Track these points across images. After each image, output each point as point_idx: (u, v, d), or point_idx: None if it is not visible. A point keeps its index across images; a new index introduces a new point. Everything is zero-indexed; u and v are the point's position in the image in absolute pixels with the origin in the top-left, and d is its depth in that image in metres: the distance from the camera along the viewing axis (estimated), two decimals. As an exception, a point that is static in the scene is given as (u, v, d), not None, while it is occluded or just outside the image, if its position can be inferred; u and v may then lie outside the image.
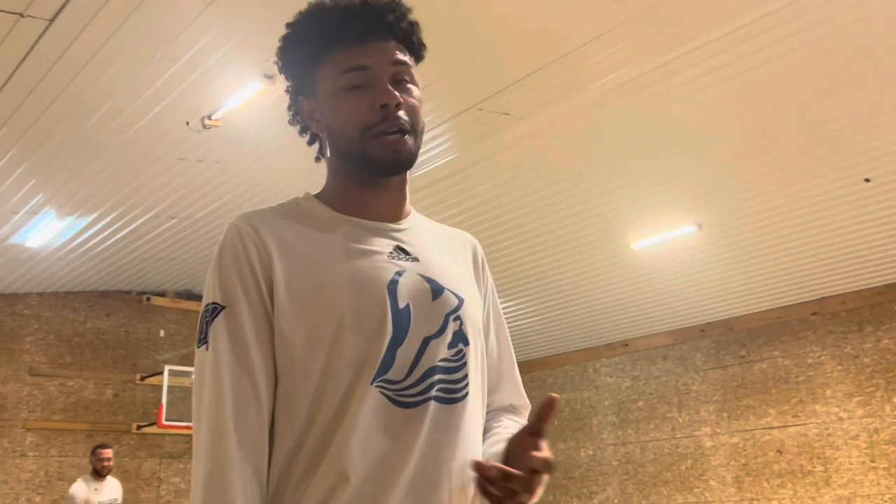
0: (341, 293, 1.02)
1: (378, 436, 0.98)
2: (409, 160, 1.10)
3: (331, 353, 1.00)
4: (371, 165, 1.09)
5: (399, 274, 1.07)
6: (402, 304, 1.05)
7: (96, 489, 6.39)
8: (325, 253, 1.06)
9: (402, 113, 1.09)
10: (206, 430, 0.98)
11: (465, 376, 1.07)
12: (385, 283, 1.05)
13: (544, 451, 1.02)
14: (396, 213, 1.15)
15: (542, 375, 10.52)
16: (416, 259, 1.11)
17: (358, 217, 1.12)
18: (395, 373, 1.02)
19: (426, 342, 1.05)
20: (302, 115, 1.17)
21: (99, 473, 6.44)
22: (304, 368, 1.00)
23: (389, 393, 1.00)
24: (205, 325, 1.03)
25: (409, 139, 1.09)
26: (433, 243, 1.17)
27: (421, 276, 1.09)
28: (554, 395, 1.08)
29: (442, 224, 1.26)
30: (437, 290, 1.09)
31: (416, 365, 1.03)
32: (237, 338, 1.01)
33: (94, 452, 6.54)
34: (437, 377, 1.04)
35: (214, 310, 1.03)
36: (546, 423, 1.04)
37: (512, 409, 1.26)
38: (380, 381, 1.00)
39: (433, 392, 1.03)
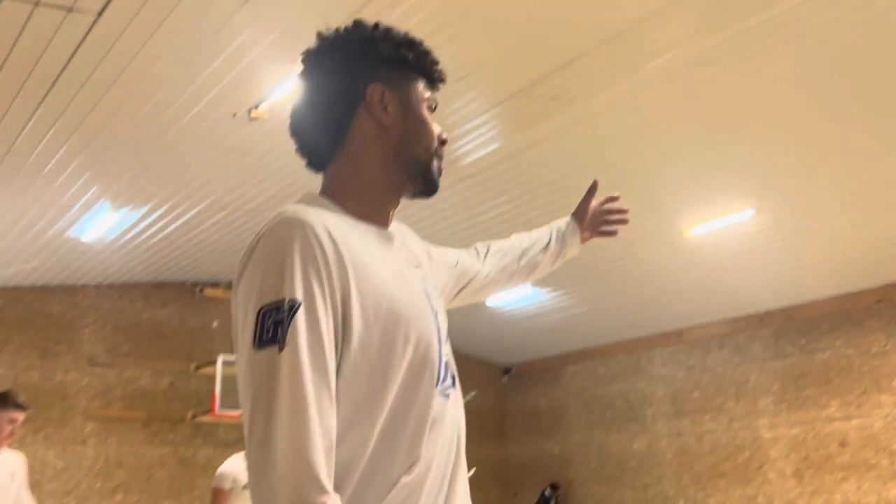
0: (400, 304, 1.10)
1: (440, 426, 1.12)
2: None
3: (408, 361, 1.08)
4: (425, 179, 1.24)
5: (422, 280, 1.22)
6: (435, 309, 1.20)
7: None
8: (375, 263, 1.12)
9: None
10: (286, 439, 0.95)
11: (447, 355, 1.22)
12: (423, 292, 1.19)
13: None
14: (389, 222, 1.25)
15: (593, 366, 10.37)
16: (419, 266, 1.27)
17: (376, 224, 1.20)
18: (438, 371, 1.15)
19: (441, 338, 1.18)
20: (359, 96, 1.21)
21: None
22: (381, 374, 1.06)
23: (439, 389, 1.14)
24: (274, 325, 0.98)
25: None
26: (409, 244, 1.30)
27: (429, 279, 1.26)
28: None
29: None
30: (438, 290, 1.28)
31: (443, 360, 1.16)
32: (315, 339, 0.99)
33: None
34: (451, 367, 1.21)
35: (293, 307, 0.98)
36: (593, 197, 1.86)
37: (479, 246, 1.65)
38: (438, 382, 1.14)
39: (449, 379, 1.19)
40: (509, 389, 11.74)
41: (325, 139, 1.25)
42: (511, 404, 11.68)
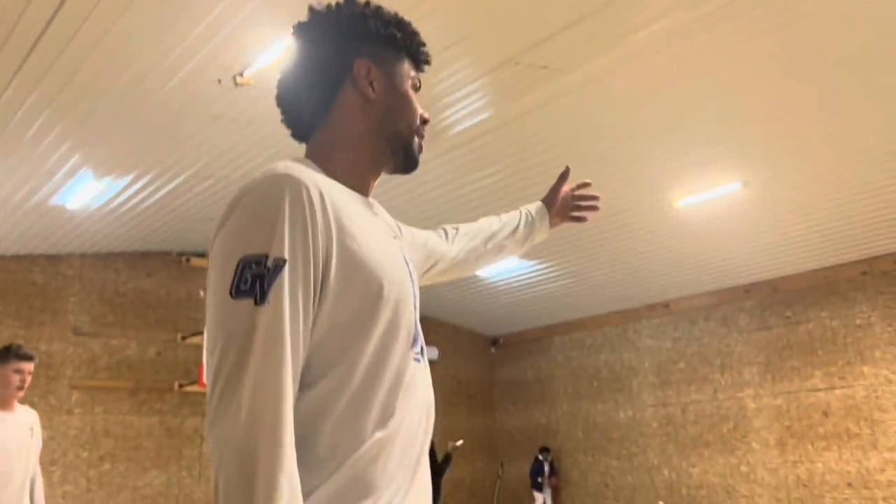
0: (381, 266, 1.12)
1: (413, 387, 1.16)
2: None
3: (386, 320, 1.11)
4: (406, 155, 1.28)
5: (401, 249, 1.26)
6: (413, 277, 1.24)
7: None
8: (362, 225, 1.14)
9: None
10: (258, 395, 0.97)
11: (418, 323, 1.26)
12: (403, 259, 1.22)
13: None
14: (370, 192, 1.29)
15: (580, 337, 10.42)
16: (397, 236, 1.30)
17: (359, 192, 1.24)
18: (414, 336, 1.19)
19: (416, 304, 1.23)
20: (346, 69, 1.24)
21: None
22: (358, 331, 1.09)
23: (412, 353, 1.18)
24: (252, 277, 1.00)
25: None
26: (384, 217, 1.33)
27: (406, 249, 1.30)
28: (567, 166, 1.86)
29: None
30: (412, 261, 1.31)
31: (416, 326, 1.20)
32: (294, 300, 1.02)
33: None
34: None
35: (278, 264, 1.01)
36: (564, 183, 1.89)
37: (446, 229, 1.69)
38: (413, 347, 1.18)
39: (419, 346, 1.22)
40: (497, 360, 11.79)
41: (310, 109, 1.26)
42: (499, 375, 11.74)
